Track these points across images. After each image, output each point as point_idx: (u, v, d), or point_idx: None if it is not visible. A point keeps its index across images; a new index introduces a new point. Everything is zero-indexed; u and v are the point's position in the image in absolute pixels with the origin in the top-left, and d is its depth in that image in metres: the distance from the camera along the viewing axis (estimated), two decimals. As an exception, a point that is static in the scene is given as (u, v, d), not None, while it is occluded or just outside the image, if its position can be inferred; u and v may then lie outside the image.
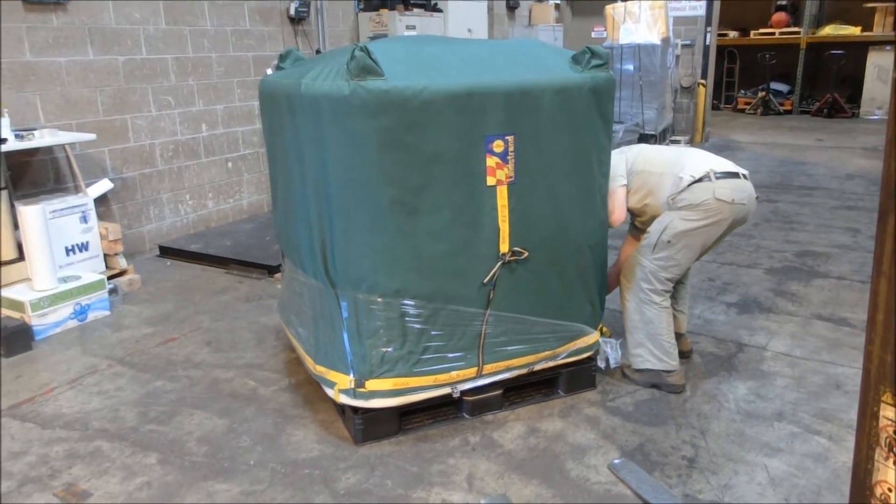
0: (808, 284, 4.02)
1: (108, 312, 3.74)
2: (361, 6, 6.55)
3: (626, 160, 2.86)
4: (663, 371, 2.81)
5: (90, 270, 3.88)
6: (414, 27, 6.57)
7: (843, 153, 8.26)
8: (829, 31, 11.39)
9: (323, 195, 2.38)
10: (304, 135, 2.40)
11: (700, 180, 2.63)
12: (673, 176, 2.69)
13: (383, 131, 2.24)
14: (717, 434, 2.54)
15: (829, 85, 11.35)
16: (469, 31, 7.53)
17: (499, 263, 2.48)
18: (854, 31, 11.16)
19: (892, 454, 1.15)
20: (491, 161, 2.39)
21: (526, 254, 2.52)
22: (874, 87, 10.94)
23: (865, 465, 1.20)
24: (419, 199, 2.33)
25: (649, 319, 2.79)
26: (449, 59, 2.40)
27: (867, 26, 11.14)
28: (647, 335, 2.81)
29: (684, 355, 3.05)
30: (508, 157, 2.41)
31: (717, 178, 2.63)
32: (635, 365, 2.87)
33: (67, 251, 3.87)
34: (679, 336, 3.00)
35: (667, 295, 2.80)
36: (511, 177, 2.43)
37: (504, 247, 2.48)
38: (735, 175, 2.69)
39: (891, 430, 1.15)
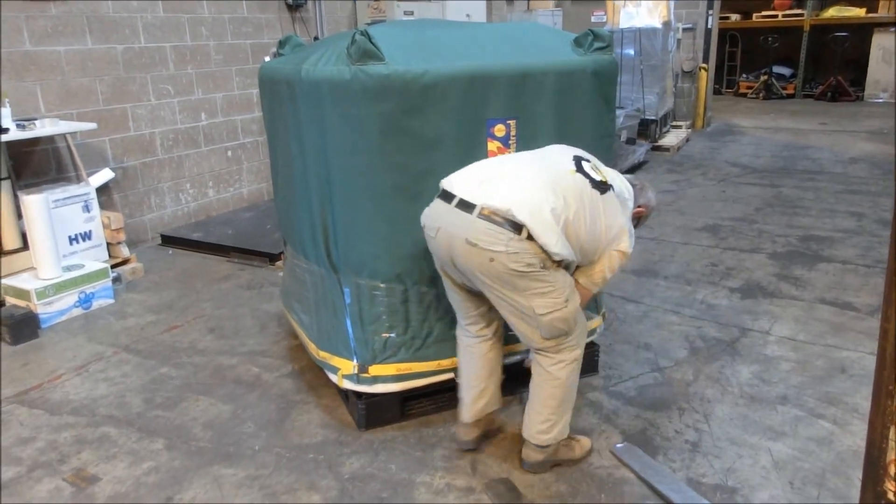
0: (813, 269, 4.02)
1: (112, 301, 3.75)
2: (360, -8, 6.50)
3: None
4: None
5: (93, 259, 3.89)
6: (412, 13, 6.52)
7: (846, 137, 8.22)
8: (832, 12, 11.31)
9: (324, 181, 2.38)
10: (304, 120, 2.39)
11: None
12: None
13: (384, 116, 2.23)
14: (720, 418, 2.55)
15: (833, 68, 11.27)
16: (468, 15, 7.47)
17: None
18: (859, 12, 11.07)
19: (906, 433, 1.15)
20: (492, 145, 2.38)
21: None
22: (879, 69, 10.87)
23: (879, 443, 1.19)
24: (421, 185, 2.32)
25: None
26: (450, 42, 2.38)
27: (872, 8, 11.05)
28: None
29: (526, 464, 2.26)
30: (510, 142, 2.39)
31: (437, 196, 2.11)
32: None
33: (70, 240, 3.87)
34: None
35: (463, 326, 2.30)
36: (513, 161, 2.41)
37: (506, 232, 2.47)
38: (449, 197, 2.03)
39: (906, 409, 1.14)
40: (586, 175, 2.08)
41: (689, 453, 2.35)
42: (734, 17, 11.91)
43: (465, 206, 1.96)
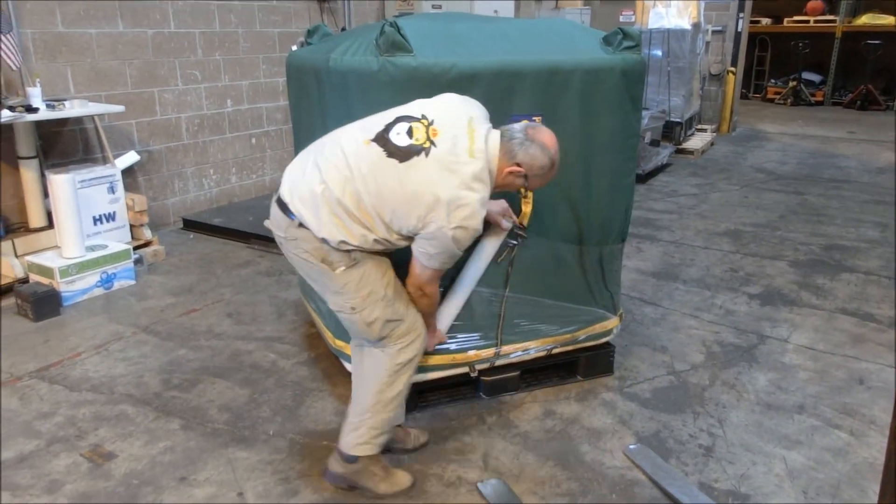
0: (835, 278, 3.97)
1: (133, 282, 3.80)
2: (389, -16, 6.50)
3: None
4: None
5: (116, 240, 3.94)
6: (440, 7, 6.51)
7: (875, 147, 8.08)
8: (865, 20, 11.12)
9: (348, 171, 2.38)
10: (330, 110, 2.40)
11: None
12: None
13: (410, 108, 2.23)
14: (735, 424, 2.53)
15: (864, 76, 11.08)
16: (495, 11, 7.45)
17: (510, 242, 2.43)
18: (892, 20, 10.87)
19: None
20: (517, 142, 2.36)
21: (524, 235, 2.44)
22: (910, 79, 10.68)
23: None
24: (444, 178, 2.31)
25: None
26: (478, 37, 2.38)
27: (906, 16, 10.85)
28: None
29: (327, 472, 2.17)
30: (535, 138, 2.38)
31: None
32: None
33: (95, 221, 3.93)
34: None
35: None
36: (537, 158, 2.40)
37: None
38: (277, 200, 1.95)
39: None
40: (386, 142, 1.83)
41: (703, 458, 2.34)
42: (765, 21, 11.75)
43: (281, 204, 1.93)
